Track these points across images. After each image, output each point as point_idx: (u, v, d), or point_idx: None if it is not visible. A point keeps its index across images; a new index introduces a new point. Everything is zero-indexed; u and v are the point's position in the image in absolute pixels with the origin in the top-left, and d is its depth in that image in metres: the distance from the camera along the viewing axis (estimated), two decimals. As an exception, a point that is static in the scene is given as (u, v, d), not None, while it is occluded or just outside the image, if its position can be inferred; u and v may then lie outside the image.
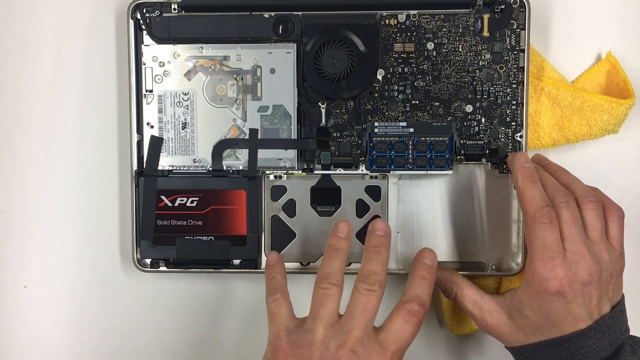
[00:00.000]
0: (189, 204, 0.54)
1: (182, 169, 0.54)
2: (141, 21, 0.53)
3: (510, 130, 0.53)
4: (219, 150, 0.54)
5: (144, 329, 0.58)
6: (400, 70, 0.53)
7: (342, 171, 0.54)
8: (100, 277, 0.58)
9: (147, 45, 0.54)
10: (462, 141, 0.53)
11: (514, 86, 0.53)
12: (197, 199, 0.54)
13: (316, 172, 0.54)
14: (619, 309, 0.47)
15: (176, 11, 0.53)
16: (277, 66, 0.53)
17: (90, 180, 0.58)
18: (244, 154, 0.54)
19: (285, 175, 0.54)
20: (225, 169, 0.54)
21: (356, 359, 0.44)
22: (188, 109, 0.54)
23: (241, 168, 0.54)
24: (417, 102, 0.53)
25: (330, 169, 0.54)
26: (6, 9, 0.57)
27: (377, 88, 0.53)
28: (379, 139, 0.53)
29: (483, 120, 0.53)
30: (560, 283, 0.45)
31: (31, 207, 0.58)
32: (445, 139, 0.53)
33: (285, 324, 0.46)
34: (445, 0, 0.52)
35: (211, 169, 0.54)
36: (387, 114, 0.53)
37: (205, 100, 0.54)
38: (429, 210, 0.54)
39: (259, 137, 0.54)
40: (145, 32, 0.54)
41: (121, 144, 0.57)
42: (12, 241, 0.58)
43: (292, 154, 0.54)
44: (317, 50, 0.53)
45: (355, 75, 0.53)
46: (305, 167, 0.54)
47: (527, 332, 0.48)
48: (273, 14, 0.53)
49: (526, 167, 0.48)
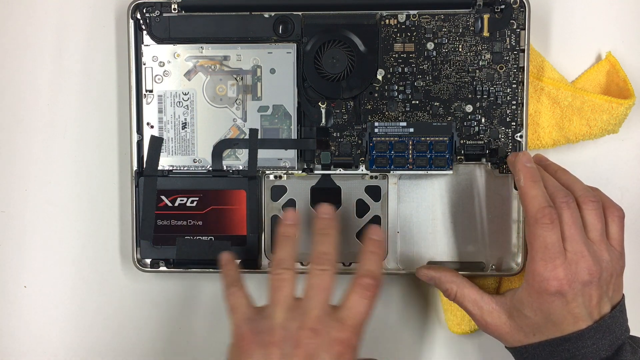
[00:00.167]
0: (189, 204, 0.54)
1: (182, 169, 0.54)
2: (141, 21, 0.53)
3: (510, 130, 0.53)
4: (219, 150, 0.54)
5: (144, 329, 0.58)
6: (400, 70, 0.53)
7: (342, 171, 0.54)
8: (100, 277, 0.58)
9: (147, 45, 0.54)
10: (462, 141, 0.53)
11: (514, 86, 0.53)
12: (197, 199, 0.54)
13: (316, 172, 0.54)
14: (619, 309, 0.47)
15: (176, 11, 0.53)
16: (277, 66, 0.53)
17: (90, 180, 0.58)
18: (244, 154, 0.54)
19: (285, 175, 0.54)
20: (225, 169, 0.54)
21: (316, 337, 0.44)
22: (188, 109, 0.54)
23: (241, 168, 0.54)
24: (417, 102, 0.53)
25: (330, 169, 0.54)
26: (6, 9, 0.57)
27: (377, 88, 0.53)
28: (379, 139, 0.53)
29: (483, 120, 0.53)
30: (561, 283, 0.45)
31: (31, 207, 0.58)
32: (445, 139, 0.53)
33: (244, 313, 0.47)
34: (445, 0, 0.52)
35: (211, 169, 0.54)
36: (387, 114, 0.53)
37: (205, 100, 0.54)
38: (429, 210, 0.54)
39: (259, 137, 0.54)
40: (145, 32, 0.54)
41: (121, 144, 0.57)
42: (12, 241, 0.58)
43: (292, 154, 0.54)
44: (317, 50, 0.53)
45: (355, 75, 0.53)
46: (305, 167, 0.54)
47: (527, 332, 0.48)
48: (273, 14, 0.53)
49: (528, 166, 0.48)
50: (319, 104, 0.54)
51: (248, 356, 0.44)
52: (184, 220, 0.54)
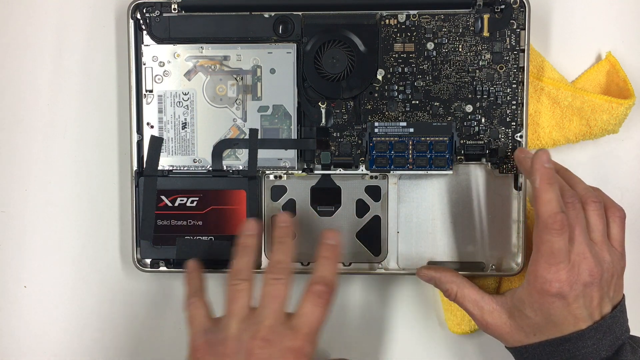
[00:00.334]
0: (189, 204, 0.54)
1: (182, 169, 0.54)
2: (141, 21, 0.53)
3: (510, 130, 0.53)
4: (219, 150, 0.54)
5: (144, 329, 0.58)
6: (400, 70, 0.53)
7: (342, 171, 0.54)
8: (100, 277, 0.58)
9: (147, 45, 0.54)
10: (462, 141, 0.53)
11: (514, 86, 0.53)
12: (197, 199, 0.54)
13: (316, 172, 0.54)
14: (619, 309, 0.47)
15: (176, 11, 0.53)
16: (277, 66, 0.53)
17: (90, 180, 0.58)
18: (244, 154, 0.54)
19: (285, 175, 0.54)
20: (225, 169, 0.54)
21: (269, 346, 0.45)
22: (188, 109, 0.54)
23: (241, 168, 0.54)
24: (417, 102, 0.53)
25: (330, 169, 0.54)
26: (6, 9, 0.57)
27: (377, 88, 0.53)
28: (379, 139, 0.53)
29: (483, 120, 0.53)
30: (562, 285, 0.45)
31: (31, 207, 0.58)
32: (445, 139, 0.53)
33: (202, 325, 0.48)
34: (445, 0, 0.52)
35: (211, 169, 0.54)
36: (387, 114, 0.53)
37: (205, 100, 0.54)
38: (429, 210, 0.54)
39: (259, 137, 0.54)
40: (145, 32, 0.54)
41: (121, 144, 0.57)
42: (12, 241, 0.58)
43: (292, 154, 0.54)
44: (317, 50, 0.53)
45: (355, 75, 0.53)
46: (305, 167, 0.54)
47: (528, 332, 0.48)
48: (273, 14, 0.53)
49: (547, 167, 0.46)
50: (319, 104, 0.54)
51: None
52: (184, 220, 0.54)
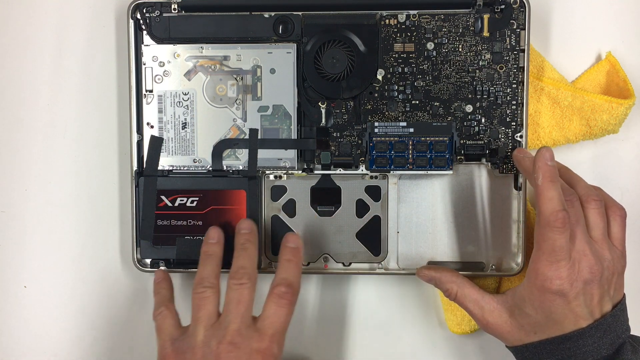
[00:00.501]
0: (189, 204, 0.54)
1: (182, 169, 0.54)
2: (141, 21, 0.53)
3: (510, 130, 0.53)
4: (219, 150, 0.54)
5: (144, 328, 0.58)
6: (400, 70, 0.53)
7: (342, 171, 0.54)
8: (100, 277, 0.58)
9: (147, 45, 0.54)
10: (462, 141, 0.53)
11: (514, 86, 0.53)
12: (197, 199, 0.54)
13: (316, 172, 0.54)
14: (620, 307, 0.47)
15: (176, 11, 0.53)
16: (277, 66, 0.53)
17: (90, 180, 0.58)
18: (244, 154, 0.54)
19: (285, 175, 0.54)
20: (225, 169, 0.54)
21: (236, 350, 0.46)
22: (188, 109, 0.54)
23: (241, 168, 0.54)
24: (417, 102, 0.53)
25: (330, 169, 0.54)
26: (6, 9, 0.57)
27: (377, 88, 0.53)
28: (379, 139, 0.53)
29: (483, 120, 0.53)
30: (562, 282, 0.45)
31: (31, 207, 0.58)
32: (445, 139, 0.53)
33: (170, 334, 0.49)
34: (445, 0, 0.52)
35: (211, 169, 0.54)
36: (387, 114, 0.53)
37: (205, 100, 0.54)
38: (429, 210, 0.54)
39: (259, 137, 0.54)
40: (145, 32, 0.54)
41: (121, 144, 0.57)
42: (12, 241, 0.58)
43: (292, 154, 0.54)
44: (317, 50, 0.53)
45: (355, 75, 0.53)
46: (305, 167, 0.54)
47: (528, 331, 0.48)
48: (273, 14, 0.53)
49: (549, 165, 0.46)
50: (319, 104, 0.54)
51: None
52: (184, 220, 0.54)
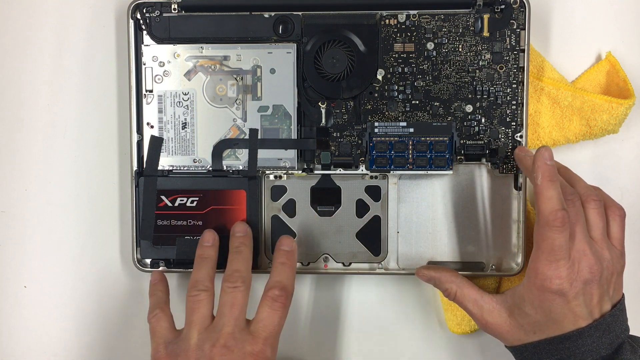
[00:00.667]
0: (189, 204, 0.54)
1: (182, 169, 0.54)
2: (141, 21, 0.53)
3: (510, 130, 0.53)
4: (219, 150, 0.54)
5: (144, 328, 0.58)
6: (400, 70, 0.53)
7: (342, 171, 0.54)
8: (100, 277, 0.58)
9: (147, 45, 0.54)
10: (462, 141, 0.53)
11: (514, 86, 0.53)
12: (197, 199, 0.54)
13: (316, 172, 0.54)
14: (619, 307, 0.47)
15: (176, 11, 0.53)
16: (277, 66, 0.53)
17: (90, 180, 0.58)
18: (244, 154, 0.54)
19: (285, 175, 0.54)
20: (225, 169, 0.54)
21: (230, 353, 0.46)
22: (188, 109, 0.54)
23: (241, 168, 0.54)
24: (417, 102, 0.53)
25: (330, 169, 0.54)
26: (6, 9, 0.57)
27: (377, 88, 0.53)
28: (379, 139, 0.53)
29: (483, 120, 0.53)
30: (562, 281, 0.45)
31: (31, 207, 0.58)
32: (445, 139, 0.53)
33: (164, 337, 0.49)
34: (445, 0, 0.52)
35: (211, 169, 0.54)
36: (387, 114, 0.53)
37: (205, 100, 0.54)
38: (429, 210, 0.54)
39: (259, 137, 0.54)
40: (145, 32, 0.54)
41: (121, 144, 0.57)
42: (12, 241, 0.58)
43: (292, 154, 0.54)
44: (317, 50, 0.53)
45: (355, 75, 0.53)
46: (305, 167, 0.54)
47: (528, 330, 0.48)
48: (273, 14, 0.53)
49: (549, 165, 0.47)
50: (319, 104, 0.54)
51: None
52: (184, 220, 0.54)
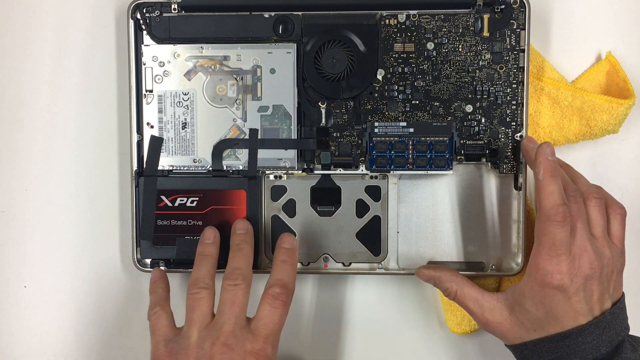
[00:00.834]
0: (189, 204, 0.54)
1: (182, 169, 0.54)
2: (141, 21, 0.53)
3: (510, 130, 0.53)
4: (219, 150, 0.54)
5: (144, 329, 0.58)
6: (400, 70, 0.53)
7: (342, 171, 0.54)
8: (100, 277, 0.58)
9: (147, 45, 0.54)
10: (462, 141, 0.53)
11: (514, 86, 0.53)
12: (197, 199, 0.54)
13: (316, 172, 0.54)
14: (619, 305, 0.47)
15: (176, 11, 0.53)
16: (277, 66, 0.53)
17: (90, 180, 0.58)
18: (244, 154, 0.54)
19: (285, 175, 0.54)
20: (225, 169, 0.54)
21: (230, 351, 0.46)
22: (188, 109, 0.54)
23: (241, 168, 0.54)
24: (417, 102, 0.53)
25: (330, 169, 0.54)
26: (6, 9, 0.57)
27: (377, 88, 0.53)
28: (379, 139, 0.53)
29: (483, 120, 0.53)
30: (563, 277, 0.45)
31: (31, 207, 0.58)
32: (445, 139, 0.53)
33: (164, 335, 0.49)
34: (445, 0, 0.52)
35: (211, 169, 0.54)
36: (387, 114, 0.53)
37: (205, 100, 0.54)
38: (429, 210, 0.54)
39: (259, 137, 0.54)
40: (145, 32, 0.54)
41: (121, 144, 0.57)
42: (12, 241, 0.58)
43: (292, 154, 0.54)
44: (317, 50, 0.53)
45: (355, 75, 0.53)
46: (305, 167, 0.54)
47: (528, 328, 0.48)
48: (273, 14, 0.53)
49: (550, 160, 0.47)
50: (319, 104, 0.54)
51: None
52: (184, 220, 0.54)
